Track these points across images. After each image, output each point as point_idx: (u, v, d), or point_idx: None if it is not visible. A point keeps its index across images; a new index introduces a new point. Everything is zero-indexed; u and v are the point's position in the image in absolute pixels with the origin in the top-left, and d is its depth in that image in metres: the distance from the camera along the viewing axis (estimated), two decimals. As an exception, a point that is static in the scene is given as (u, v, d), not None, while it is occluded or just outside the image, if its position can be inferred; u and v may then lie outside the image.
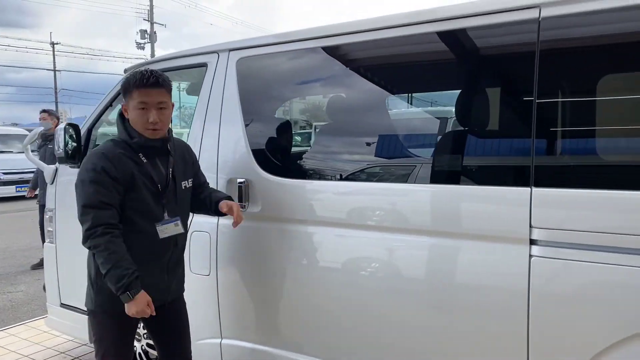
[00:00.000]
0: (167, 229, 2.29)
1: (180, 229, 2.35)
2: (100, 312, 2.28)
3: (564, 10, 1.94)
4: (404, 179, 2.48)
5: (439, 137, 2.49)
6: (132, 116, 2.25)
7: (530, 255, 1.96)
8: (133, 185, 2.20)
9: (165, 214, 2.30)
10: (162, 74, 2.29)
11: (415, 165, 2.43)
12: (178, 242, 2.39)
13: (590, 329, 1.87)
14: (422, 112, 2.86)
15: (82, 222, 2.16)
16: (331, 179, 2.66)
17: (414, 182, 2.36)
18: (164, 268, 2.34)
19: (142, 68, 2.28)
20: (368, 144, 2.62)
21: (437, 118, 2.60)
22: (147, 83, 2.20)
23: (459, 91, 2.42)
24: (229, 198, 2.57)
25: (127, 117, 2.29)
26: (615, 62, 2.00)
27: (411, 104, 2.86)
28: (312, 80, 2.89)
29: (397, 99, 2.97)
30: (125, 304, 2.11)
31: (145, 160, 2.26)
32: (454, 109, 2.41)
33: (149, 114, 2.22)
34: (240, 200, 2.68)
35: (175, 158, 2.40)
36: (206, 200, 2.53)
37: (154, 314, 2.16)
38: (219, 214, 2.48)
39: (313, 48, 2.62)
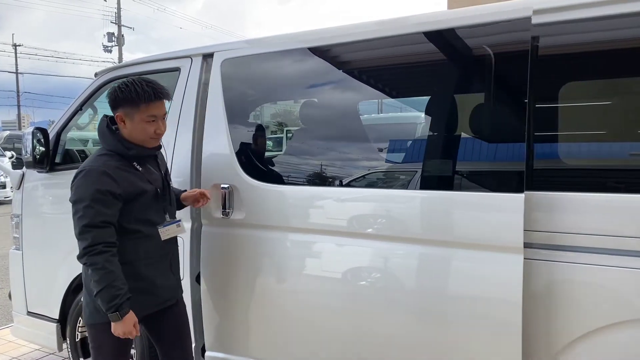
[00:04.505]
0: (168, 231, 2.35)
1: (182, 230, 2.41)
2: (101, 324, 2.23)
3: (558, 17, 2.00)
4: (399, 185, 2.46)
5: (432, 142, 2.45)
6: (138, 128, 2.25)
7: (525, 259, 1.98)
8: (135, 195, 2.23)
9: (167, 216, 2.38)
10: (162, 85, 2.34)
11: (410, 171, 2.41)
12: (176, 242, 2.47)
13: (583, 328, 1.91)
14: (418, 116, 2.77)
15: (80, 239, 2.15)
16: (321, 185, 2.61)
17: (408, 188, 2.35)
18: (170, 267, 2.41)
19: (139, 79, 2.26)
20: (364, 149, 2.59)
21: (433, 122, 2.54)
22: (161, 97, 2.26)
23: (455, 96, 2.43)
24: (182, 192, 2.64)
25: (123, 127, 2.27)
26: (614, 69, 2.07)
27: (400, 107, 2.87)
28: (301, 84, 2.84)
29: (390, 103, 2.97)
30: (112, 323, 2.13)
31: (140, 169, 2.31)
32: (455, 113, 2.42)
33: (156, 126, 2.28)
34: (223, 207, 2.64)
35: (160, 159, 2.49)
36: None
37: (139, 334, 2.21)
38: (180, 207, 2.60)
39: (300, 49, 2.59)
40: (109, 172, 2.17)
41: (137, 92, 2.22)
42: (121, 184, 2.18)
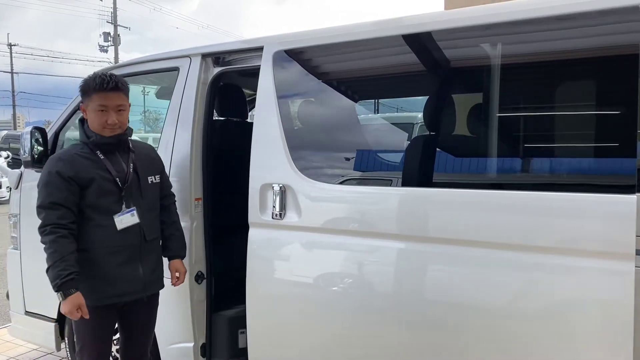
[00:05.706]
0: (123, 220, 2.35)
1: (135, 219, 2.36)
2: None
3: None
4: (493, 186, 2.18)
5: (535, 141, 2.25)
6: (91, 117, 2.35)
7: (637, 267, 1.76)
8: (90, 181, 2.28)
9: (123, 206, 2.35)
10: (120, 78, 2.39)
11: (508, 171, 2.20)
12: (147, 236, 2.41)
13: None
14: (519, 117, 2.39)
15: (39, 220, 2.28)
16: (389, 186, 2.38)
17: (505, 190, 2.08)
18: (135, 260, 2.38)
19: (101, 71, 2.38)
20: (458, 145, 2.34)
21: (535, 121, 2.30)
22: (107, 88, 2.30)
23: (559, 91, 2.22)
24: (182, 247, 2.62)
25: (85, 117, 2.38)
26: None
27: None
28: (368, 76, 2.64)
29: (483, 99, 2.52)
30: (60, 302, 2.21)
31: (102, 157, 2.35)
32: (561, 110, 2.21)
33: (107, 116, 2.32)
34: (274, 208, 2.46)
35: (138, 154, 2.48)
36: (164, 236, 2.58)
37: (87, 316, 2.22)
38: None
39: (369, 40, 2.39)
40: (63, 157, 2.30)
41: (88, 84, 2.33)
42: (73, 167, 2.26)
